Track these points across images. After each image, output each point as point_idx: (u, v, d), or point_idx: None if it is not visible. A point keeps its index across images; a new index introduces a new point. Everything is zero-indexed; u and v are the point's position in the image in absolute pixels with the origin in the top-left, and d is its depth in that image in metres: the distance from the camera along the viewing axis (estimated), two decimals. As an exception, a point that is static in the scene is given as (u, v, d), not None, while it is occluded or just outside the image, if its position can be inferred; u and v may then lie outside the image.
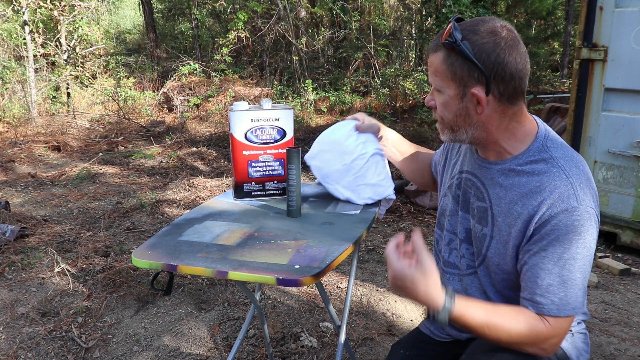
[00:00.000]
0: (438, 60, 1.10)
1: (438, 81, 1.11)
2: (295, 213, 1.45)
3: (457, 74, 1.07)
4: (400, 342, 1.45)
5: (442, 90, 1.11)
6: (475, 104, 1.09)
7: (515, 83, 1.07)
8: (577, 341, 1.21)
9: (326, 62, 11.70)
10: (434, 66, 1.11)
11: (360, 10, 11.33)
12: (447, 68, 1.08)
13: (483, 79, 1.06)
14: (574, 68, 3.48)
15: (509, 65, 1.05)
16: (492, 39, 1.05)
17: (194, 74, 10.06)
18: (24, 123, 7.95)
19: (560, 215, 1.04)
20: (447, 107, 1.12)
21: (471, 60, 1.05)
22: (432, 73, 1.13)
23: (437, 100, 1.15)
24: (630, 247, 3.35)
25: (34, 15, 9.29)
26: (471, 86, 1.07)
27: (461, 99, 1.10)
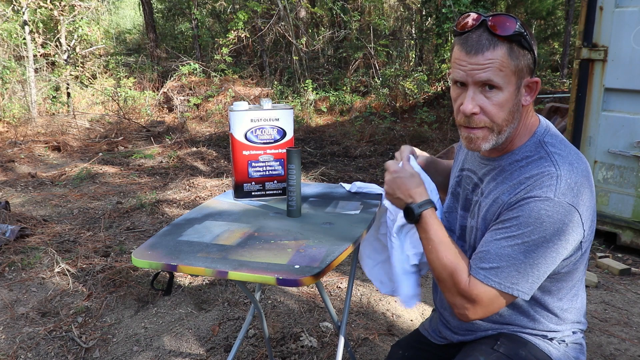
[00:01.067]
0: (502, 55, 1.03)
1: (501, 77, 1.04)
2: (295, 213, 1.45)
3: (520, 66, 1.05)
4: (400, 343, 1.46)
5: (501, 87, 1.05)
6: (524, 95, 1.09)
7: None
8: (570, 351, 1.20)
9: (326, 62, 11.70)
10: (498, 62, 1.03)
11: (360, 10, 11.32)
12: (512, 62, 1.04)
13: (533, 67, 1.08)
14: (574, 68, 3.48)
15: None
16: (528, 27, 1.07)
17: (194, 74, 10.06)
18: (24, 123, 7.95)
19: (530, 201, 1.04)
20: (504, 106, 1.06)
21: (532, 50, 1.06)
22: (494, 70, 1.04)
23: (486, 103, 1.06)
24: (630, 247, 3.35)
25: (34, 15, 9.29)
26: (526, 76, 1.08)
27: (517, 92, 1.07)
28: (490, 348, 1.15)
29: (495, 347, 1.15)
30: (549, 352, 1.17)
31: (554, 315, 1.18)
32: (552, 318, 1.18)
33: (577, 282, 1.18)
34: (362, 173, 5.57)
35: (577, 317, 1.22)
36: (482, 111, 1.07)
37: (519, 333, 1.20)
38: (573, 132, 3.52)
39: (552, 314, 1.18)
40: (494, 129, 1.09)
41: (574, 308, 1.20)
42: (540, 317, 1.18)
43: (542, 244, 1.03)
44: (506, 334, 1.20)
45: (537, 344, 1.17)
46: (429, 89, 9.45)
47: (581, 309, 1.22)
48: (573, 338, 1.22)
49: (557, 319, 1.19)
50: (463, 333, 1.27)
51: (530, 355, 1.15)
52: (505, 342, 1.16)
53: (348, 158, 6.38)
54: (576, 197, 1.04)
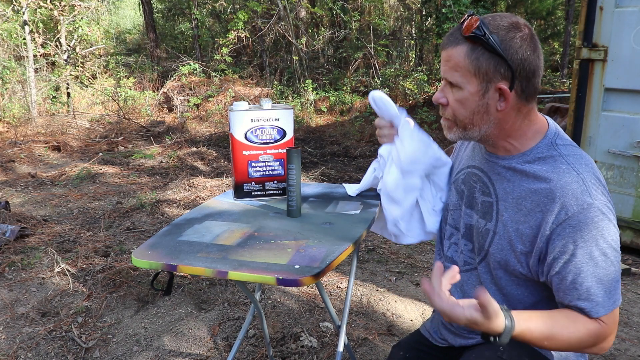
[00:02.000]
0: (459, 54, 1.05)
1: (457, 77, 1.06)
2: (295, 213, 1.45)
3: (482, 69, 1.04)
4: (400, 343, 1.45)
5: (461, 86, 1.07)
6: (497, 100, 1.06)
7: (535, 81, 1.07)
8: (571, 356, 1.19)
9: (326, 62, 11.70)
10: (453, 61, 1.06)
11: (360, 10, 11.32)
12: (471, 63, 1.04)
13: (509, 74, 1.03)
14: (574, 68, 3.48)
15: (532, 63, 1.04)
16: (519, 35, 1.03)
17: (194, 74, 10.06)
18: (24, 123, 7.95)
19: (579, 215, 1.01)
20: (465, 104, 1.08)
21: (499, 55, 1.02)
22: (450, 68, 1.07)
23: (450, 97, 1.10)
24: (630, 247, 3.35)
25: (34, 15, 9.29)
26: (497, 81, 1.04)
27: (482, 96, 1.06)
28: (495, 354, 1.13)
29: (499, 353, 1.12)
30: (551, 356, 1.16)
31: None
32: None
33: None
34: (362, 173, 5.57)
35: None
36: (449, 104, 1.11)
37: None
38: (573, 132, 3.52)
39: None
40: (457, 123, 1.12)
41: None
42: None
43: (610, 244, 1.02)
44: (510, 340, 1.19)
45: (539, 350, 1.16)
46: (429, 89, 9.46)
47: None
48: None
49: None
50: (465, 335, 1.26)
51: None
52: (509, 348, 1.14)
53: (348, 158, 6.38)
54: (602, 194, 1.04)
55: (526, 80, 1.05)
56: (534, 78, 1.06)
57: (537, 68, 1.05)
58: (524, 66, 1.03)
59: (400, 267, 3.17)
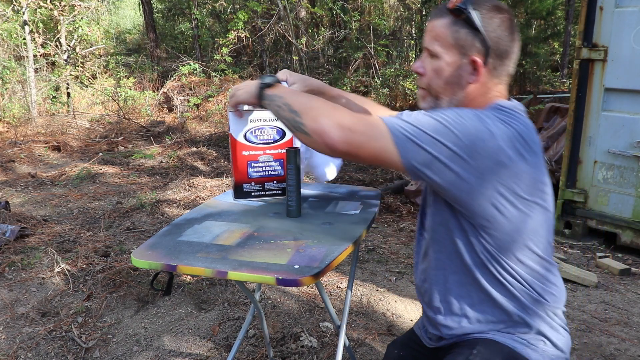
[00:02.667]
0: (442, 25, 1.12)
1: (437, 46, 1.13)
2: (295, 213, 1.45)
3: (460, 41, 1.10)
4: (395, 342, 1.46)
5: (439, 56, 1.13)
6: (470, 72, 1.12)
7: (508, 63, 1.13)
8: (549, 350, 1.18)
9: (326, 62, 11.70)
10: (435, 31, 1.13)
11: (360, 10, 11.31)
12: (451, 34, 1.11)
13: (484, 50, 1.10)
14: (574, 68, 3.48)
15: (507, 44, 1.11)
16: (499, 16, 1.10)
17: (194, 74, 10.05)
18: (24, 123, 7.95)
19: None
20: (440, 73, 1.14)
21: (478, 30, 1.09)
22: (432, 38, 1.14)
23: (428, 67, 1.16)
24: (630, 247, 3.35)
25: (34, 15, 9.28)
26: (471, 54, 1.11)
27: (457, 67, 1.12)
28: (465, 358, 1.13)
29: (471, 357, 1.12)
30: (527, 355, 1.14)
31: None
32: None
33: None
34: (362, 173, 5.57)
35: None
36: (425, 73, 1.17)
37: (499, 337, 1.17)
38: (573, 132, 3.52)
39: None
40: (431, 92, 1.17)
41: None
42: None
43: (450, 114, 1.06)
44: (485, 341, 1.16)
45: (515, 347, 1.14)
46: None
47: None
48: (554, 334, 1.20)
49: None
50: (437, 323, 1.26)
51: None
52: (482, 350, 1.13)
53: (348, 158, 6.38)
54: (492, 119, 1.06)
55: (499, 59, 1.12)
56: (507, 60, 1.13)
57: (511, 51, 1.12)
58: (498, 45, 1.10)
59: (400, 267, 3.17)
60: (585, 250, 3.45)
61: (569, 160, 3.56)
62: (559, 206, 3.64)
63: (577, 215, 3.58)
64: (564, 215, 3.63)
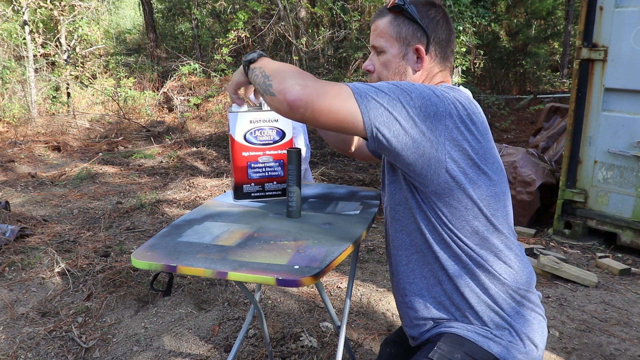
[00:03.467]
0: (384, 23, 1.23)
1: (382, 42, 1.23)
2: (295, 214, 1.45)
3: (402, 34, 1.22)
4: (387, 340, 1.47)
5: (385, 50, 1.23)
6: (415, 61, 1.23)
7: (448, 50, 1.25)
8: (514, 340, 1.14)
9: (326, 62, 11.70)
10: (379, 29, 1.24)
11: (360, 10, 11.32)
12: (393, 29, 1.22)
13: (424, 39, 1.22)
14: (574, 68, 3.48)
15: (445, 33, 1.23)
16: (433, 10, 1.23)
17: (194, 74, 10.05)
18: (24, 123, 7.95)
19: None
20: (388, 66, 1.24)
21: (416, 22, 1.21)
22: (376, 36, 1.25)
23: (376, 63, 1.26)
24: (630, 247, 3.35)
25: (34, 15, 9.29)
26: (414, 44, 1.22)
27: (402, 57, 1.23)
28: (425, 357, 1.13)
29: (431, 354, 1.12)
30: (488, 348, 1.12)
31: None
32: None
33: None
34: (362, 173, 5.58)
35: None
36: (375, 70, 1.27)
37: (461, 331, 1.15)
38: (573, 132, 3.52)
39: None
40: None
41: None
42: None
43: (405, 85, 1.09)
44: (447, 335, 1.16)
45: (477, 340, 1.13)
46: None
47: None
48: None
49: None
50: (413, 323, 1.26)
51: (467, 357, 1.11)
52: (442, 347, 1.13)
53: (348, 158, 6.38)
54: (442, 89, 1.11)
55: (439, 46, 1.23)
56: (447, 47, 1.25)
57: (449, 40, 1.24)
58: (437, 34, 1.22)
59: (400, 267, 3.17)
60: (585, 250, 3.45)
61: (569, 160, 3.56)
62: (559, 206, 3.64)
63: (577, 215, 3.58)
64: (564, 215, 3.63)
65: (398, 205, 1.22)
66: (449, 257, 1.15)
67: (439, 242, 1.15)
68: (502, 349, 1.12)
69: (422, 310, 1.22)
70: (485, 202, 1.13)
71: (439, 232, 1.14)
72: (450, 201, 1.11)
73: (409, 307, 1.25)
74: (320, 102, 1.02)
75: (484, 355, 1.11)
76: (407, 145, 1.05)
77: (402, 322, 1.32)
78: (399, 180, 1.20)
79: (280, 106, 1.05)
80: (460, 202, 1.11)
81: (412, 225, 1.19)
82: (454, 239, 1.14)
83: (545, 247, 3.53)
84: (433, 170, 1.08)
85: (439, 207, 1.12)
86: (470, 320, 1.16)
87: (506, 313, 1.15)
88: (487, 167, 1.12)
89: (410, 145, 1.05)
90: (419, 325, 1.24)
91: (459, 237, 1.13)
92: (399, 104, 1.04)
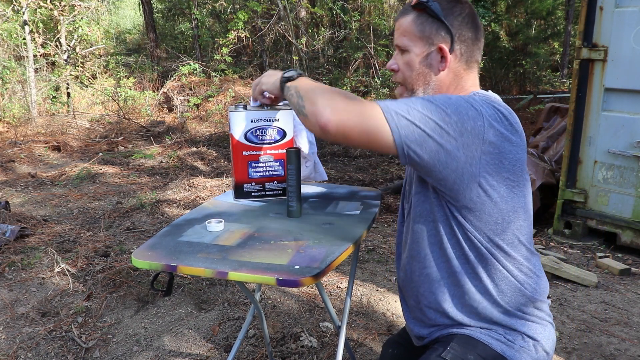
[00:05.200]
0: (407, 21, 1.20)
1: (406, 41, 1.20)
2: (296, 213, 1.45)
3: (426, 32, 1.18)
4: (389, 341, 1.47)
5: (409, 49, 1.20)
6: (439, 60, 1.18)
7: (474, 49, 1.20)
8: (528, 346, 1.16)
9: (326, 62, 11.70)
10: (402, 28, 1.21)
11: (360, 10, 11.31)
12: (417, 27, 1.18)
13: (449, 37, 1.17)
14: (574, 68, 3.48)
15: (471, 30, 1.18)
16: (459, 7, 1.18)
17: (194, 74, 10.05)
18: (24, 123, 7.95)
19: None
20: (411, 65, 1.20)
21: (440, 20, 1.16)
22: (400, 35, 1.21)
23: (400, 62, 1.23)
24: (630, 247, 3.35)
25: (34, 15, 9.28)
26: (438, 42, 1.18)
27: (426, 57, 1.19)
28: (438, 356, 1.13)
29: (444, 354, 1.13)
30: (501, 351, 1.14)
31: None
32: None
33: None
34: (362, 173, 5.57)
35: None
36: (399, 69, 1.23)
37: (474, 334, 1.16)
38: (573, 132, 3.52)
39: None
40: (406, 86, 1.23)
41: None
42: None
43: (441, 99, 1.09)
44: (460, 337, 1.17)
45: (491, 343, 1.14)
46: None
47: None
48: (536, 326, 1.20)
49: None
50: (421, 320, 1.26)
51: (479, 359, 1.12)
52: (455, 347, 1.14)
53: (348, 158, 6.38)
54: (481, 102, 1.10)
55: (464, 45, 1.18)
56: (473, 46, 1.20)
57: (475, 38, 1.19)
58: (462, 32, 1.17)
59: (400, 267, 3.17)
60: (585, 250, 3.45)
61: (569, 160, 3.56)
62: (559, 206, 3.64)
63: (577, 215, 3.58)
64: (564, 215, 3.63)
65: (420, 216, 1.21)
66: (468, 272, 1.16)
67: (459, 256, 1.16)
68: (514, 352, 1.14)
69: (436, 314, 1.22)
70: (514, 215, 1.13)
71: (461, 244, 1.15)
72: (480, 215, 1.11)
73: (422, 311, 1.25)
74: (351, 124, 1.04)
75: (496, 358, 1.12)
76: (440, 161, 1.05)
77: (409, 322, 1.32)
78: (427, 192, 1.18)
79: (313, 128, 1.09)
80: (491, 216, 1.11)
81: (433, 238, 1.19)
82: (479, 249, 1.14)
83: (545, 247, 3.53)
84: (465, 185, 1.08)
85: (468, 220, 1.12)
86: (484, 324, 1.17)
87: (521, 319, 1.17)
88: (518, 180, 1.13)
89: (443, 161, 1.06)
90: (430, 326, 1.24)
91: (484, 247, 1.14)
92: (431, 121, 1.04)
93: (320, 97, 1.09)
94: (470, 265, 1.15)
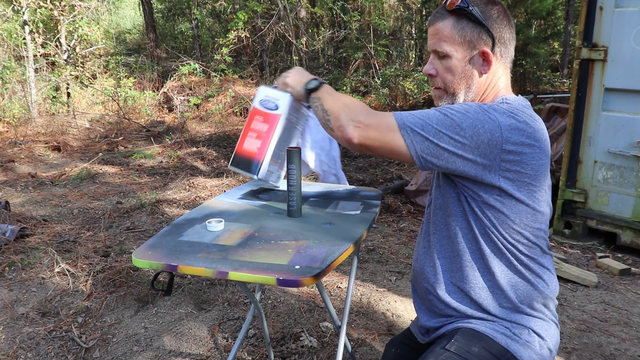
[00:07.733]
0: (446, 26, 1.18)
1: (446, 46, 1.19)
2: (296, 213, 1.45)
3: (467, 37, 1.18)
4: (393, 341, 1.48)
5: (450, 55, 1.19)
6: (481, 64, 1.19)
7: (511, 48, 1.22)
8: (533, 342, 1.17)
9: (326, 62, 11.70)
10: (441, 33, 1.19)
11: (360, 10, 11.31)
12: (457, 32, 1.18)
13: (490, 40, 1.18)
14: (574, 68, 3.48)
15: (508, 31, 1.20)
16: (495, 8, 1.18)
17: (194, 74, 10.05)
18: (24, 123, 7.95)
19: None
20: (453, 71, 1.20)
21: (481, 24, 1.16)
22: (438, 40, 1.20)
23: (439, 67, 1.22)
24: (630, 247, 3.35)
25: (34, 15, 9.28)
26: (480, 47, 1.18)
27: (469, 61, 1.19)
28: (442, 348, 1.15)
29: (448, 346, 1.15)
30: (506, 345, 1.15)
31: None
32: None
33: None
34: (362, 173, 5.57)
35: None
36: (438, 74, 1.23)
37: (479, 327, 1.18)
38: (573, 132, 3.52)
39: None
40: (447, 90, 1.23)
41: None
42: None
43: (457, 108, 1.13)
44: (465, 330, 1.18)
45: (495, 337, 1.16)
46: (429, 89, 9.43)
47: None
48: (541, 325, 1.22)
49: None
50: (433, 311, 1.28)
51: (483, 351, 1.13)
52: (460, 339, 1.16)
53: (348, 158, 6.38)
54: (499, 112, 1.11)
55: (504, 46, 1.20)
56: (510, 46, 1.21)
57: (512, 37, 1.21)
58: (502, 33, 1.18)
59: (400, 267, 3.17)
60: (585, 250, 3.45)
61: (569, 160, 3.56)
62: (559, 206, 3.64)
63: (577, 215, 3.58)
64: (564, 215, 3.63)
65: (439, 209, 1.25)
66: (482, 261, 1.19)
67: (475, 250, 1.19)
68: (519, 347, 1.15)
69: (446, 306, 1.24)
70: (532, 217, 1.16)
71: (477, 239, 1.18)
72: (499, 214, 1.15)
73: (432, 302, 1.27)
74: (371, 137, 1.14)
75: (500, 351, 1.14)
76: (457, 168, 1.12)
77: (419, 312, 1.34)
78: (446, 186, 1.22)
79: (339, 140, 1.21)
80: (509, 216, 1.15)
81: (450, 231, 1.23)
82: (496, 244, 1.17)
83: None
84: (484, 188, 1.13)
85: (486, 216, 1.16)
86: (492, 318, 1.19)
87: (529, 315, 1.19)
88: (540, 185, 1.15)
89: (460, 169, 1.12)
90: (440, 316, 1.26)
91: (501, 243, 1.17)
92: (446, 137, 1.09)
93: (343, 113, 1.18)
94: (485, 260, 1.18)
